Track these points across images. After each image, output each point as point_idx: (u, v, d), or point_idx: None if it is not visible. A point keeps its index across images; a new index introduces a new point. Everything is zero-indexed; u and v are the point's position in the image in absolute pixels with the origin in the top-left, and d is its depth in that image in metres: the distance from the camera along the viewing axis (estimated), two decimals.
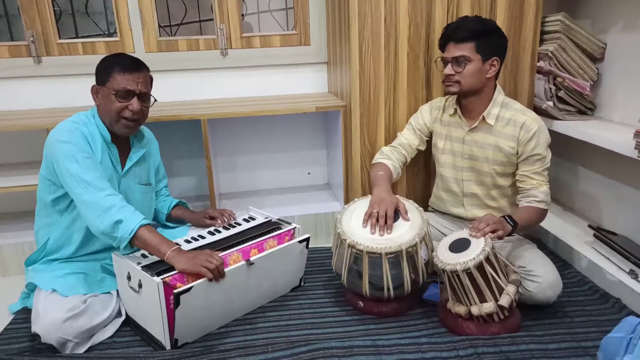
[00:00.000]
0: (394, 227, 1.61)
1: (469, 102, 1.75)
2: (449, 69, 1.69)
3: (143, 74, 1.62)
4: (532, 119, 1.68)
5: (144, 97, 1.63)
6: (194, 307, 1.45)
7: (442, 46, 1.73)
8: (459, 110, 1.79)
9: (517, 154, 1.70)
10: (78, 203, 1.52)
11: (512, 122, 1.70)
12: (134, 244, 1.49)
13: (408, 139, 1.91)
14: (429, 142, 1.94)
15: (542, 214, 1.69)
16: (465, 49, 1.64)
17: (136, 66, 1.61)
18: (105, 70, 1.59)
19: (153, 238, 1.49)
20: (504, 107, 1.73)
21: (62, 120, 1.63)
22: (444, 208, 1.92)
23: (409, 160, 1.93)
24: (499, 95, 1.74)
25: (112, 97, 1.58)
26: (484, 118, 1.73)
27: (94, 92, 1.63)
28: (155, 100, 1.69)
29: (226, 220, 1.85)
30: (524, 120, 1.68)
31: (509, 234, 1.58)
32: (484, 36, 1.64)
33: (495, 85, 1.75)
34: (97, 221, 1.48)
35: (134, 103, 1.60)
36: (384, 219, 1.60)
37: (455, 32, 1.67)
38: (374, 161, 1.92)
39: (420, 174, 2.14)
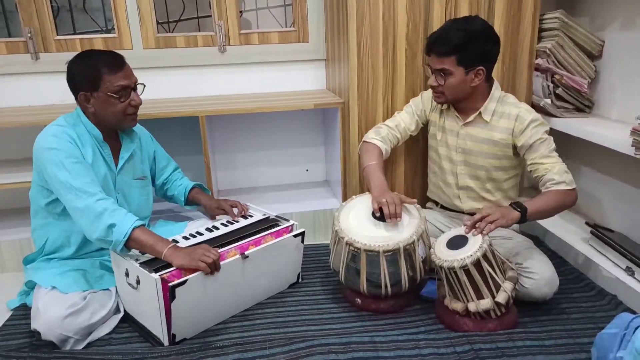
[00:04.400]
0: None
1: (460, 105, 1.77)
2: (432, 80, 1.70)
3: (127, 65, 1.62)
4: (526, 110, 1.69)
5: (135, 86, 1.64)
6: (190, 300, 1.45)
7: (427, 54, 1.71)
8: (452, 107, 1.80)
9: (513, 146, 1.70)
10: (70, 210, 1.51)
11: (506, 115, 1.71)
12: (129, 246, 1.49)
13: (405, 123, 1.90)
14: (422, 130, 1.95)
15: (567, 194, 1.58)
16: (446, 63, 1.63)
17: (120, 60, 1.60)
18: (92, 75, 1.55)
19: (148, 238, 1.49)
20: (499, 102, 1.74)
21: (60, 116, 1.63)
22: (442, 198, 1.92)
23: (400, 143, 1.93)
24: (496, 91, 1.74)
25: (112, 100, 1.57)
26: (480, 114, 1.73)
27: (84, 99, 1.58)
28: (145, 86, 1.67)
29: (240, 212, 1.85)
30: (517, 112, 1.68)
31: (520, 221, 1.55)
32: (466, 47, 1.60)
33: (493, 82, 1.75)
34: (90, 227, 1.48)
35: (135, 97, 1.61)
36: (394, 207, 1.59)
37: (435, 45, 1.64)
38: (368, 139, 1.87)
39: (419, 171, 2.14)
